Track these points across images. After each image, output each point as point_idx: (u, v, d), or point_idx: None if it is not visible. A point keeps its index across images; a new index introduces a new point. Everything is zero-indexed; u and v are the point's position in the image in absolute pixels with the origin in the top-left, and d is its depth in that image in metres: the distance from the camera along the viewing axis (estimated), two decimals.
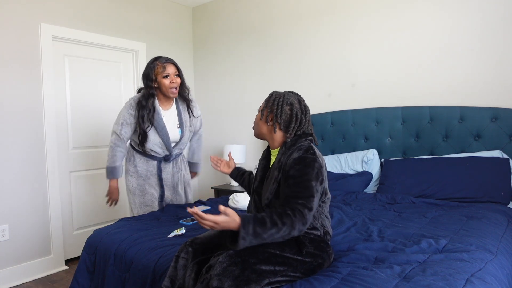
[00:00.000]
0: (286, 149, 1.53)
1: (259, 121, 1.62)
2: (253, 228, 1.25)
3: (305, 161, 1.43)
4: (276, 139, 1.58)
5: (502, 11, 2.53)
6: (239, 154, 3.67)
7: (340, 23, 3.26)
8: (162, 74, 2.35)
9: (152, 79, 2.37)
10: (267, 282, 1.29)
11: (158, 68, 2.36)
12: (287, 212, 1.32)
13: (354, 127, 3.16)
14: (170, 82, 2.37)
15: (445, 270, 1.34)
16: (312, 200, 1.37)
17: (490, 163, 2.42)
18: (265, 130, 1.60)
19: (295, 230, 1.31)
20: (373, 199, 2.56)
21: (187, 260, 1.48)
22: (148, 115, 2.38)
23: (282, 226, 1.29)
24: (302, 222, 1.33)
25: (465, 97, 2.70)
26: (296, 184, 1.39)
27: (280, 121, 1.54)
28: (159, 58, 2.39)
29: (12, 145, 2.91)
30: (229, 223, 1.25)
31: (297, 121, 1.54)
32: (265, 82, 3.80)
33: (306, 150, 1.47)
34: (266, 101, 1.59)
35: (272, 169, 1.54)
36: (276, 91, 1.61)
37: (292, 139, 1.54)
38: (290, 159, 1.46)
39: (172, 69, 2.38)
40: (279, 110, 1.53)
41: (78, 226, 3.42)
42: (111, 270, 1.84)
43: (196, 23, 4.39)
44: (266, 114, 1.57)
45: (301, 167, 1.41)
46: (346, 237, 1.81)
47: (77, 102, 3.40)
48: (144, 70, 2.42)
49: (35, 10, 3.04)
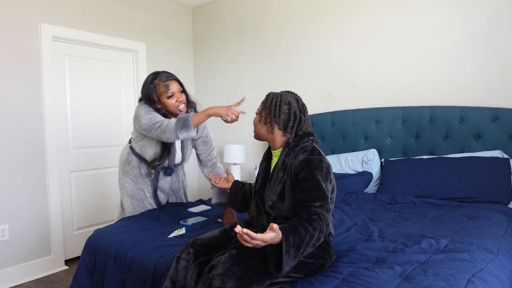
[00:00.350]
0: (290, 150, 1.52)
1: (258, 123, 1.62)
2: (293, 239, 1.22)
3: (312, 163, 1.43)
4: (277, 140, 1.58)
5: (502, 11, 2.53)
6: (239, 154, 3.67)
7: (340, 23, 3.26)
8: (166, 94, 2.11)
9: (155, 100, 2.13)
10: (269, 283, 1.29)
11: (160, 88, 2.11)
12: (313, 217, 1.31)
13: (354, 127, 3.16)
14: (176, 101, 2.13)
15: (446, 270, 1.34)
16: (328, 200, 1.39)
17: (490, 163, 2.42)
18: (265, 131, 1.59)
19: (322, 233, 1.31)
20: (373, 199, 2.56)
21: (188, 261, 1.47)
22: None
23: (313, 231, 1.28)
24: (325, 224, 1.33)
25: (465, 97, 2.70)
26: (308, 187, 1.40)
27: (279, 121, 1.53)
28: (159, 76, 2.13)
29: (12, 145, 2.91)
30: (275, 238, 1.20)
31: (295, 120, 1.53)
32: (265, 82, 3.79)
33: (311, 152, 1.48)
34: (263, 102, 1.59)
35: (276, 171, 1.53)
36: (273, 92, 1.61)
37: (295, 139, 1.54)
38: (296, 162, 1.46)
39: (175, 86, 2.13)
40: (277, 110, 1.53)
41: (78, 226, 3.42)
42: (111, 271, 1.83)
43: (196, 23, 4.39)
44: (265, 116, 1.57)
45: (310, 169, 1.42)
46: (347, 237, 1.81)
47: (77, 102, 3.39)
48: (144, 90, 2.16)
49: (35, 10, 3.04)
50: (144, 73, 3.83)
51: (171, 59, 4.16)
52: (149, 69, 3.91)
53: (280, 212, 1.50)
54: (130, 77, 3.81)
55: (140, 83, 2.44)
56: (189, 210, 2.41)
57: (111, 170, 3.63)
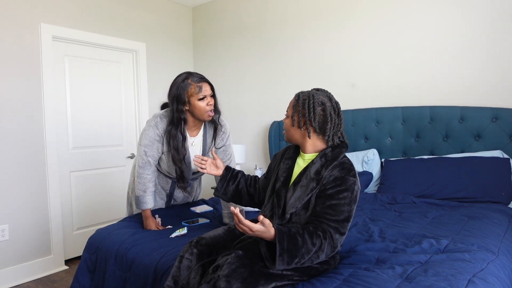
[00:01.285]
0: (327, 161, 1.42)
1: (291, 128, 1.49)
2: (287, 245, 1.23)
3: (346, 183, 1.36)
4: (312, 144, 1.47)
5: (502, 12, 2.53)
6: (239, 154, 3.67)
7: (340, 23, 3.26)
8: (197, 95, 1.97)
9: (185, 101, 1.98)
10: (273, 285, 1.29)
11: (192, 89, 1.97)
12: (318, 233, 1.29)
13: (354, 127, 3.16)
14: (207, 105, 2.00)
15: (447, 271, 1.34)
16: (346, 225, 1.34)
17: (490, 163, 2.42)
18: (299, 135, 1.48)
19: (323, 253, 1.30)
20: (373, 199, 2.56)
21: (191, 261, 1.45)
22: (183, 144, 2.04)
23: (312, 247, 1.27)
24: (331, 245, 1.31)
25: (465, 97, 2.70)
26: (332, 206, 1.35)
27: (315, 124, 1.43)
28: (191, 76, 2.00)
29: (12, 145, 2.91)
30: (264, 233, 1.23)
31: (331, 121, 1.43)
32: (265, 82, 3.79)
33: (348, 171, 1.39)
34: (294, 105, 1.47)
35: (307, 177, 1.43)
36: (302, 92, 1.49)
37: (333, 151, 1.44)
38: (331, 176, 1.39)
39: (208, 89, 2.01)
40: (311, 113, 1.41)
41: (78, 226, 3.41)
42: (111, 270, 1.83)
43: (196, 23, 4.39)
44: (298, 119, 1.45)
45: (341, 189, 1.36)
46: (347, 238, 1.80)
47: (77, 102, 3.39)
48: (173, 90, 2.01)
49: (35, 10, 3.04)
50: (144, 73, 3.84)
51: (171, 59, 4.16)
52: (149, 69, 3.91)
53: (300, 220, 1.43)
54: (130, 77, 3.81)
55: (140, 83, 2.43)
56: (192, 209, 2.41)
57: (111, 170, 3.63)
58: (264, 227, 1.22)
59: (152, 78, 3.93)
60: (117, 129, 3.70)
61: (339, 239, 1.33)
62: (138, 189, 2.09)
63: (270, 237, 1.24)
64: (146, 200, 2.08)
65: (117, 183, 3.67)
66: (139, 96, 3.82)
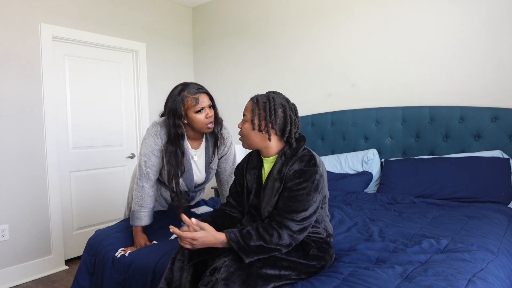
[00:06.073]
0: (287, 158, 1.44)
1: (250, 132, 1.46)
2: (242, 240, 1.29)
3: (305, 174, 1.38)
4: (272, 146, 1.48)
5: (502, 12, 2.53)
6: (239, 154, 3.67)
7: (340, 23, 3.26)
8: (194, 108, 1.85)
9: (181, 114, 1.85)
10: (272, 286, 1.30)
11: (188, 101, 1.85)
12: (272, 225, 1.34)
13: (354, 127, 3.16)
14: (205, 117, 1.87)
15: (447, 270, 1.34)
16: (304, 214, 1.35)
17: (490, 163, 2.42)
18: (259, 139, 1.47)
19: (283, 240, 1.32)
20: (373, 199, 2.56)
21: (183, 262, 1.45)
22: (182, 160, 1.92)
23: (269, 237, 1.31)
24: (289, 235, 1.33)
25: (465, 97, 2.70)
26: (291, 197, 1.37)
27: (276, 126, 1.43)
28: (188, 87, 1.87)
29: (12, 145, 2.91)
30: (207, 238, 1.27)
31: (291, 122, 1.45)
32: (265, 82, 3.79)
33: (308, 162, 1.40)
34: (252, 108, 1.45)
35: (271, 180, 1.45)
36: (259, 95, 1.48)
37: (291, 148, 1.46)
38: (291, 171, 1.40)
39: (206, 100, 1.88)
40: (273, 116, 1.42)
41: (78, 226, 3.41)
42: (109, 274, 1.81)
43: (196, 23, 4.39)
44: (258, 123, 1.44)
45: (300, 181, 1.37)
46: (347, 237, 1.81)
47: (77, 102, 3.39)
48: (169, 103, 1.88)
49: (35, 10, 3.04)
50: (144, 73, 3.84)
51: (171, 59, 4.16)
52: (149, 69, 3.91)
53: None
54: (130, 77, 3.81)
55: (140, 83, 2.43)
56: (192, 210, 2.41)
57: (111, 170, 3.63)
58: (205, 231, 1.28)
59: (152, 78, 3.93)
60: (117, 129, 3.70)
61: (295, 227, 1.34)
62: (135, 202, 1.97)
63: (215, 241, 1.30)
64: (140, 217, 1.95)
65: (117, 183, 3.68)
66: (139, 96, 3.82)
